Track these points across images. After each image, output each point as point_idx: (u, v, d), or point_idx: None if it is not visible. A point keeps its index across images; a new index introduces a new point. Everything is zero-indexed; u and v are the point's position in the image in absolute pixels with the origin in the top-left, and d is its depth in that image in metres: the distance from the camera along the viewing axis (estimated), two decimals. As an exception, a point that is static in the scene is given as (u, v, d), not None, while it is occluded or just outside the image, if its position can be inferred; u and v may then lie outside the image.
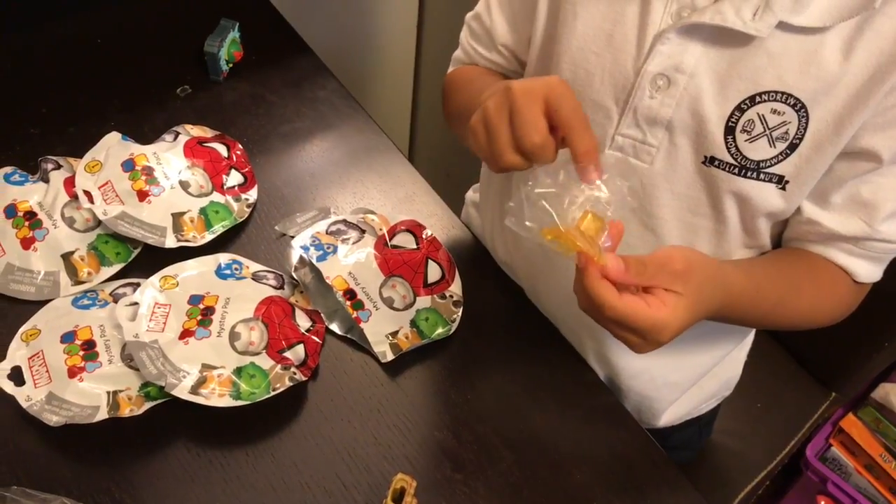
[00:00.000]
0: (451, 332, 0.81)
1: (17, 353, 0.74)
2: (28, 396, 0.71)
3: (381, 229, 0.85)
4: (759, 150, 0.67)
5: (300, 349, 0.76)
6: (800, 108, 0.64)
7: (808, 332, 1.20)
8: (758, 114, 0.65)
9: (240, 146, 0.93)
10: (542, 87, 0.58)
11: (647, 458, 0.76)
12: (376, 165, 0.96)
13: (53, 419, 0.69)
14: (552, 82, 0.59)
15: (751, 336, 0.99)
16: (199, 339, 0.74)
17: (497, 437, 0.75)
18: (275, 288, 0.80)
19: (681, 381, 0.93)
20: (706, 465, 1.15)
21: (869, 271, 0.74)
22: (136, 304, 0.75)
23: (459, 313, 0.82)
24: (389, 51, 1.67)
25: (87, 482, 0.69)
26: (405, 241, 0.85)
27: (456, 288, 0.84)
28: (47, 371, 0.72)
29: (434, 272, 0.83)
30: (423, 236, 0.85)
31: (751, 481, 1.15)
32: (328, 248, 0.82)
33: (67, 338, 0.74)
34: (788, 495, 1.45)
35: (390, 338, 0.79)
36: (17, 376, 0.72)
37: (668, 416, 0.96)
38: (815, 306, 0.76)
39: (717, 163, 0.68)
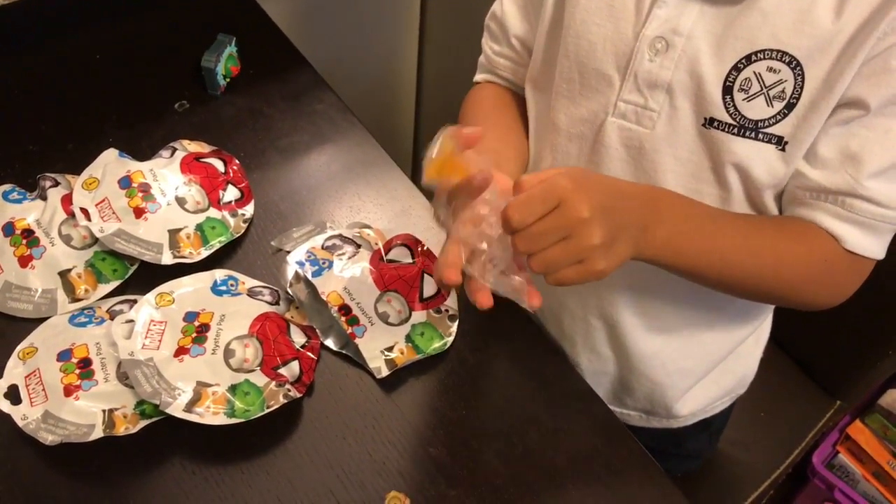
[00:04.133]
0: (447, 346, 0.81)
1: (14, 371, 0.75)
2: (24, 415, 0.71)
3: (376, 244, 0.85)
4: (756, 110, 0.68)
5: (295, 365, 0.76)
6: (795, 65, 0.66)
7: (813, 339, 1.21)
8: (754, 72, 0.67)
9: (237, 161, 0.93)
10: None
11: (644, 472, 0.76)
12: (373, 179, 0.96)
13: (49, 438, 0.70)
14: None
15: (767, 328, 0.98)
16: (194, 356, 0.74)
17: (492, 453, 0.75)
18: (270, 304, 0.81)
19: (693, 368, 0.92)
20: (710, 474, 1.15)
21: (857, 238, 0.70)
22: (131, 321, 0.76)
23: (455, 328, 0.82)
24: (391, 62, 1.67)
25: (83, 501, 0.69)
26: (401, 255, 0.85)
27: (451, 302, 0.84)
28: (44, 389, 0.73)
29: (430, 286, 0.83)
30: (419, 250, 0.85)
31: (755, 490, 1.15)
32: (323, 263, 0.83)
33: (64, 356, 0.74)
34: (795, 503, 1.44)
35: (385, 353, 0.79)
36: (13, 395, 0.73)
37: (683, 408, 0.96)
38: (781, 246, 0.71)
39: (716, 124, 0.70)
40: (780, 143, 0.69)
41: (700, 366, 0.93)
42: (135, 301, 0.80)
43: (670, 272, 0.70)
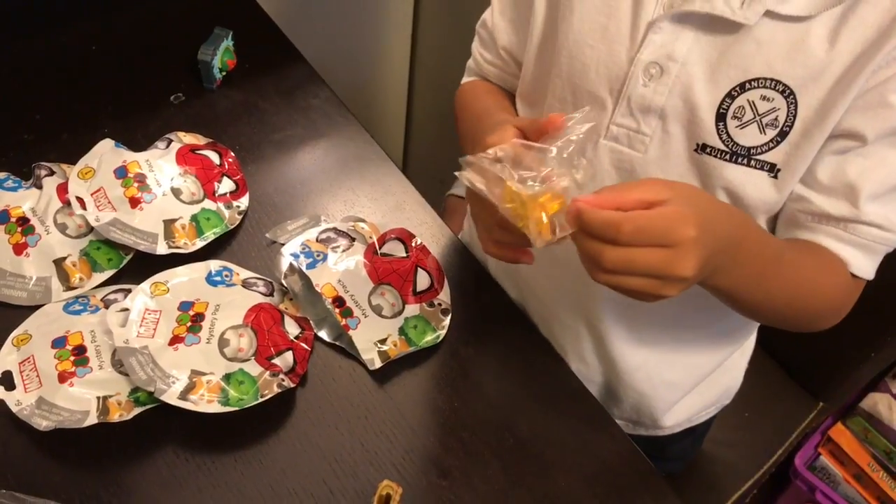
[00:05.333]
0: (440, 339, 0.82)
1: (8, 357, 0.75)
2: (18, 401, 0.72)
3: (370, 237, 0.86)
4: (749, 137, 0.68)
5: (289, 356, 0.76)
6: (788, 94, 0.66)
7: (797, 341, 1.22)
8: (748, 100, 0.67)
9: (232, 154, 0.94)
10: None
11: (632, 466, 0.77)
12: (367, 174, 0.97)
13: (43, 424, 0.70)
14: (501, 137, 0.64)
15: (752, 341, 0.99)
16: (189, 345, 0.74)
17: (483, 445, 0.76)
18: (264, 295, 0.81)
19: (678, 382, 0.93)
20: (694, 473, 1.16)
21: (861, 262, 0.71)
22: (126, 309, 0.76)
23: (448, 321, 0.83)
24: (384, 59, 1.68)
25: (77, 487, 0.69)
26: (395, 249, 0.86)
27: (444, 296, 0.85)
28: (38, 376, 0.73)
29: (423, 280, 0.84)
30: (413, 244, 0.86)
31: (738, 490, 1.16)
32: (318, 255, 0.83)
33: (58, 343, 0.75)
34: (777, 504, 1.46)
35: (379, 345, 0.79)
36: (7, 381, 0.73)
37: (668, 419, 0.97)
38: (819, 281, 0.71)
39: (708, 150, 0.70)
40: (772, 170, 0.69)
41: (686, 380, 0.93)
42: (129, 290, 0.80)
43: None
